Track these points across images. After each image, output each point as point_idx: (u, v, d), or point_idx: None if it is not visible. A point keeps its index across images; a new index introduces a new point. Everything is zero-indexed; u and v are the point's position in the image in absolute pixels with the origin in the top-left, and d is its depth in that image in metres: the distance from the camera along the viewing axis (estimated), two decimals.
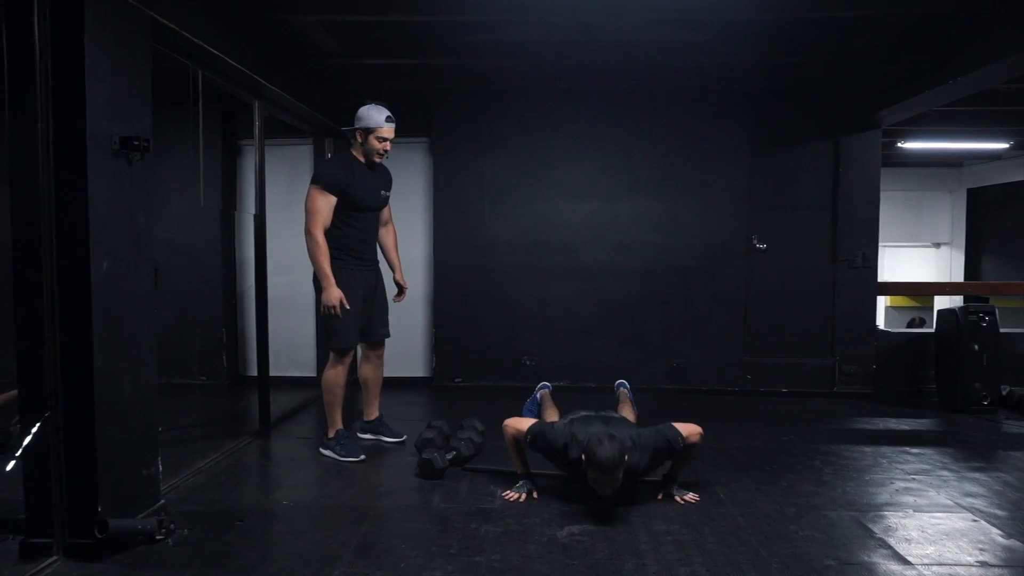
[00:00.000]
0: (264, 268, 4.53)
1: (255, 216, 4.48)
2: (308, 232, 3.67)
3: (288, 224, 5.45)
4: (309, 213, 3.68)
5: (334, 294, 3.67)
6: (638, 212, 5.67)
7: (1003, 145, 8.31)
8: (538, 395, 4.21)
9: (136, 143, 2.67)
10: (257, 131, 4.37)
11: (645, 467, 3.09)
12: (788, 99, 5.56)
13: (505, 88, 5.59)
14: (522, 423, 3.26)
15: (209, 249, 5.64)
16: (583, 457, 2.89)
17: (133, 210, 2.76)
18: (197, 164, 4.60)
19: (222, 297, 5.68)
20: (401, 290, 4.18)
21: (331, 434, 3.89)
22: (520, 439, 3.21)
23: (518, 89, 5.59)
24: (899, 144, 7.89)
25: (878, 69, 4.78)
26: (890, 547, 2.72)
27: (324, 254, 3.67)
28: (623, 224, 5.67)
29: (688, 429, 3.12)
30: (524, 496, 3.21)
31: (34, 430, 2.50)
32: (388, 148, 3.79)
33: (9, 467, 2.50)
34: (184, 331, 5.02)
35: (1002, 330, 5.22)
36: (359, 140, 3.76)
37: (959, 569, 2.55)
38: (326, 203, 3.67)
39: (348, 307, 3.70)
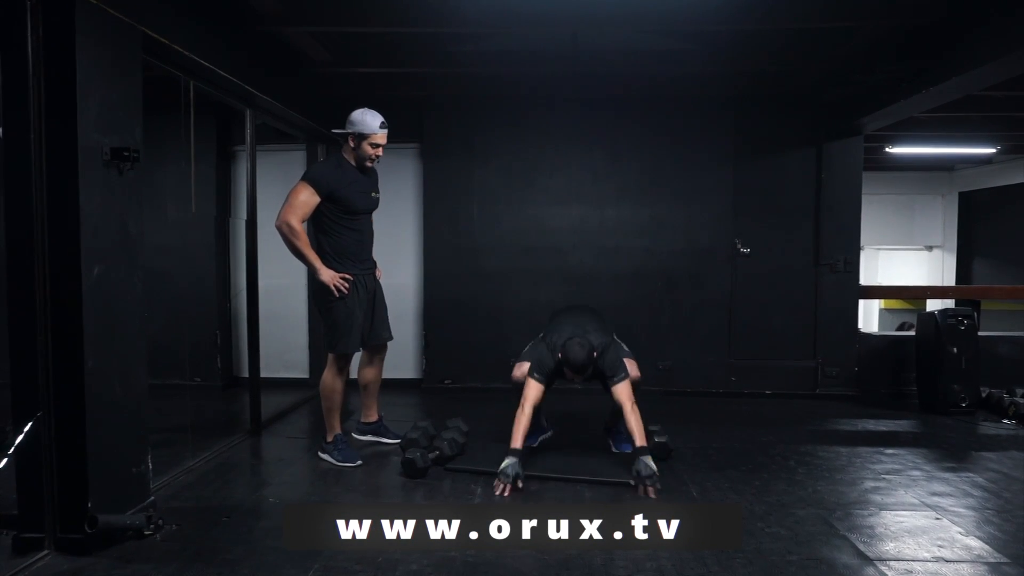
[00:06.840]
0: (255, 272, 4.63)
1: (246, 222, 4.58)
2: (284, 221, 3.57)
3: None
4: (287, 203, 3.60)
5: (327, 274, 3.66)
6: (625, 217, 5.77)
7: (992, 150, 8.42)
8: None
9: (127, 154, 2.77)
10: (248, 139, 4.46)
11: (611, 366, 3.64)
12: (771, 106, 5.66)
13: (495, 95, 5.70)
14: (523, 371, 3.71)
15: (204, 254, 5.73)
16: (559, 356, 3.57)
17: (124, 218, 2.86)
18: (189, 172, 4.71)
19: (216, 300, 5.78)
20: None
21: (329, 438, 3.88)
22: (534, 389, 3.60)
23: (507, 96, 5.70)
24: (887, 149, 8.01)
25: (857, 78, 4.89)
26: (851, 543, 2.82)
27: (303, 241, 3.61)
28: (610, 229, 5.77)
29: (633, 370, 3.74)
30: (509, 488, 3.31)
31: (26, 429, 2.59)
32: (380, 154, 3.79)
33: (1, 464, 2.59)
34: (179, 334, 5.11)
35: (981, 333, 5.31)
36: (351, 145, 3.74)
37: (915, 564, 2.65)
38: (309, 199, 3.62)
39: (349, 284, 3.72)
